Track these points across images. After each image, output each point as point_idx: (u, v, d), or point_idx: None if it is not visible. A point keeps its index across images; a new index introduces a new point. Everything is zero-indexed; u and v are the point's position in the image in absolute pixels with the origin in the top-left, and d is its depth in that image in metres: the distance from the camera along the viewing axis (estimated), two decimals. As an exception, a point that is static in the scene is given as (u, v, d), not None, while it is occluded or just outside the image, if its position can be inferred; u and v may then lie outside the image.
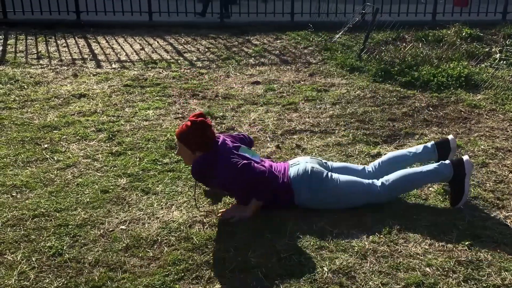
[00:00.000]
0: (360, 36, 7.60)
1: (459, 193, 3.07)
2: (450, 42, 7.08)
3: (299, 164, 3.12)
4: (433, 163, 3.25)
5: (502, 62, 6.40)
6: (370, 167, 3.30)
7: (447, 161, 3.13)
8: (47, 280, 2.43)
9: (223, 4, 8.93)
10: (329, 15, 8.51)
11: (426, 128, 4.42)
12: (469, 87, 5.49)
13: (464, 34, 7.65)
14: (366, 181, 3.10)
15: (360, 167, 3.31)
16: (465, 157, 3.12)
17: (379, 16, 7.04)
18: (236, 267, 2.54)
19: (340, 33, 7.56)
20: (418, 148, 3.35)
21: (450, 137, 3.37)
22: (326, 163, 3.27)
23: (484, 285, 2.43)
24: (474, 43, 7.21)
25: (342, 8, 8.88)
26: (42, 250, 2.65)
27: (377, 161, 3.32)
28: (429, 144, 3.35)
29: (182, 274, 2.50)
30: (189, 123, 3.00)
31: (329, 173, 3.09)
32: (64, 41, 7.49)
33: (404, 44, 7.01)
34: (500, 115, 4.73)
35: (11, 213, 2.98)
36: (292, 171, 3.09)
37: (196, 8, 9.01)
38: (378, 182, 3.09)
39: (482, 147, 4.00)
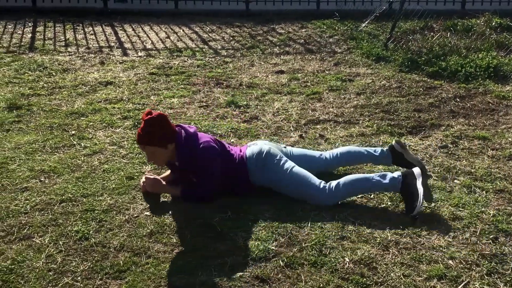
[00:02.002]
0: (386, 25, 7.48)
1: (412, 200, 2.92)
2: (479, 31, 6.92)
3: (256, 145, 3.20)
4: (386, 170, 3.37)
5: (533, 52, 6.24)
6: (327, 154, 3.40)
7: (400, 177, 3.01)
8: (74, 264, 2.50)
9: None
10: (356, 3, 8.40)
11: (452, 119, 4.36)
12: (498, 78, 5.37)
13: (494, 23, 7.46)
14: (317, 181, 3.06)
15: (317, 153, 3.41)
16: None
17: (407, 5, 6.93)
18: (258, 256, 2.57)
19: (366, 22, 7.47)
20: (376, 150, 3.39)
21: (393, 142, 3.36)
22: (285, 147, 3.36)
23: (508, 279, 2.41)
24: (504, 33, 7.03)
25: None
26: (69, 234, 2.72)
27: (336, 151, 3.41)
28: (385, 149, 3.38)
29: (205, 260, 2.54)
30: (143, 124, 2.92)
31: (284, 158, 3.14)
32: (91, 28, 7.58)
33: (432, 33, 6.89)
34: (529, 107, 4.63)
35: (39, 198, 3.06)
36: (249, 151, 3.16)
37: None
38: (327, 186, 3.04)
39: (509, 139, 3.92)
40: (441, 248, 2.64)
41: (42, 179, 3.27)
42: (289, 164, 3.12)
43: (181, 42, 6.96)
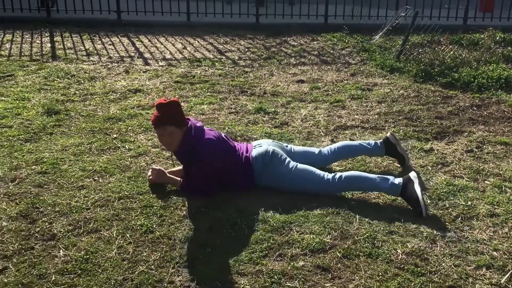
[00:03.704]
0: (394, 38, 7.77)
1: (416, 204, 3.09)
2: (486, 45, 7.22)
3: (261, 146, 3.39)
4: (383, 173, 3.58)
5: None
6: (325, 149, 3.66)
7: (400, 184, 3.19)
8: (145, 254, 2.64)
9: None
10: (363, 18, 8.68)
11: (472, 126, 4.58)
12: (509, 89, 5.64)
13: (498, 38, 7.78)
14: (321, 173, 3.30)
15: (316, 150, 3.66)
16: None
17: (419, 20, 7.21)
18: (316, 248, 2.73)
19: (379, 35, 7.74)
20: (370, 143, 3.71)
21: (388, 134, 3.70)
22: (287, 146, 3.58)
23: (551, 268, 2.60)
24: (509, 47, 7.33)
25: (374, 12, 9.06)
26: (134, 228, 2.86)
27: (333, 146, 3.69)
28: (378, 142, 3.70)
29: (266, 252, 2.70)
30: (161, 107, 3.10)
31: (288, 158, 3.36)
32: (108, 39, 7.75)
33: (441, 47, 7.16)
34: (543, 115, 4.87)
35: (98, 195, 3.20)
36: (254, 152, 3.35)
37: (225, 10, 9.25)
38: (330, 177, 3.27)
39: (530, 145, 4.15)
40: (484, 241, 2.83)
41: (96, 178, 3.42)
42: (293, 163, 3.33)
43: (199, 52, 7.15)
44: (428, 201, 3.25)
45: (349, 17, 8.93)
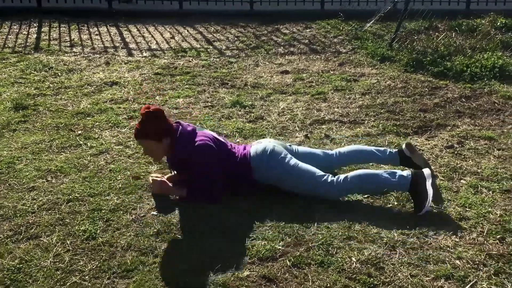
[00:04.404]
0: (391, 25, 7.47)
1: (421, 200, 2.93)
2: (485, 32, 6.91)
3: (261, 143, 3.20)
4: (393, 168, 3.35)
5: (538, 52, 6.22)
6: (333, 152, 3.37)
7: (409, 177, 3.02)
8: (81, 263, 2.51)
9: None
10: (360, 3, 8.40)
11: (458, 119, 4.35)
12: (504, 78, 5.36)
13: (499, 23, 7.44)
14: (324, 174, 3.07)
15: (323, 152, 3.38)
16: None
17: (412, 5, 6.91)
18: (265, 256, 2.57)
19: (371, 22, 7.46)
20: (384, 150, 3.38)
21: (403, 146, 3.34)
22: (290, 145, 3.35)
23: (515, 279, 2.40)
24: (510, 33, 7.01)
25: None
26: (76, 234, 2.73)
27: (343, 149, 3.39)
28: (393, 151, 3.37)
29: (212, 260, 2.54)
30: (141, 117, 2.99)
31: (289, 156, 3.13)
32: (96, 29, 7.60)
33: (436, 33, 6.88)
34: (535, 107, 4.61)
35: (46, 197, 3.07)
36: (253, 149, 3.16)
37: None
38: (334, 179, 3.05)
39: (516, 139, 3.92)
40: (448, 248, 2.64)
41: (49, 179, 3.29)
42: (294, 160, 3.12)
43: (186, 42, 6.97)
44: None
45: (345, 3, 8.64)
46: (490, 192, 3.17)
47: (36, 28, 7.57)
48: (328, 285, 2.37)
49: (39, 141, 3.82)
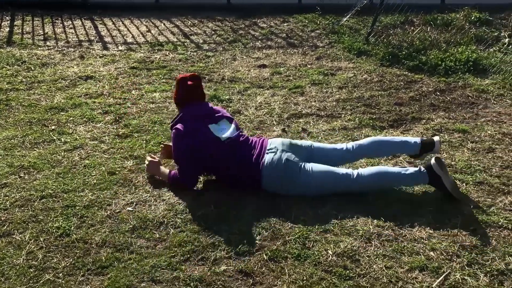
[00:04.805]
0: (367, 19, 7.51)
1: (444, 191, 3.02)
2: (459, 26, 7.00)
3: (276, 153, 3.06)
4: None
5: (511, 46, 6.33)
6: (351, 145, 3.28)
7: (423, 170, 3.04)
8: (55, 260, 2.47)
9: None
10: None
11: (433, 112, 4.40)
12: (477, 72, 5.44)
13: (473, 18, 7.55)
14: (341, 171, 3.07)
15: (340, 146, 3.30)
16: (432, 160, 3.05)
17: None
18: (241, 250, 2.57)
19: (347, 16, 7.49)
20: (407, 140, 3.30)
21: (436, 138, 3.28)
22: (301, 145, 3.20)
23: (487, 269, 2.45)
24: (483, 27, 7.12)
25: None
26: (50, 231, 2.68)
27: (362, 141, 3.30)
28: (417, 140, 3.27)
29: (188, 255, 2.53)
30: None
31: (303, 165, 3.03)
32: (70, 22, 7.47)
33: (412, 27, 6.94)
34: (508, 100, 4.69)
35: (19, 194, 3.01)
36: (267, 158, 3.05)
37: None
38: (354, 173, 3.05)
39: (489, 132, 3.98)
40: (422, 240, 2.67)
41: (21, 175, 3.22)
42: (309, 168, 3.03)
43: (162, 36, 6.90)
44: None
45: (323, -3, 8.65)
46: (464, 184, 3.21)
47: (8, 22, 7.39)
48: (305, 278, 2.38)
49: (11, 137, 3.74)
